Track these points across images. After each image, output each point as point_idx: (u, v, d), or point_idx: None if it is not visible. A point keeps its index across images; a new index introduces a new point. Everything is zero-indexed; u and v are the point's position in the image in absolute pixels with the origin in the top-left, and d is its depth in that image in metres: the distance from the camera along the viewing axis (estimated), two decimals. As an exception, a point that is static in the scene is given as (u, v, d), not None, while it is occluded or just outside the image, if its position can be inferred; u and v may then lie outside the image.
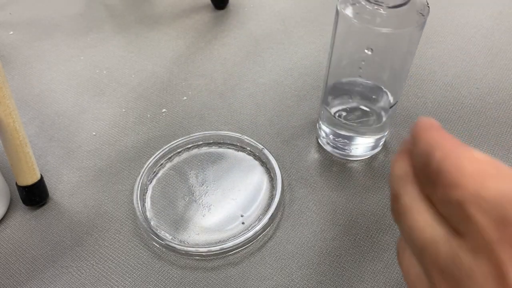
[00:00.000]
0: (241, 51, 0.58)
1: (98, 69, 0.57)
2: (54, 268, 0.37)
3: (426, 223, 0.17)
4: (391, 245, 0.36)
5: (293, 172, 0.42)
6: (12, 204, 0.42)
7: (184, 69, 0.56)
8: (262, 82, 0.53)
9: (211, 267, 0.36)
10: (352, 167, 0.43)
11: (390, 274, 0.34)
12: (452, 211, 0.16)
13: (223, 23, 0.64)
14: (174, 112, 0.50)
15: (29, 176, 0.39)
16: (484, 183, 0.15)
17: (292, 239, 0.37)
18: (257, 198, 0.40)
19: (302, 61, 0.56)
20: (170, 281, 0.35)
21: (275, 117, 0.48)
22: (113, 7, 0.70)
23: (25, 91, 0.55)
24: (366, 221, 0.38)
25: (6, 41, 0.64)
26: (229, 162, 0.43)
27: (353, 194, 0.40)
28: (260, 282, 0.35)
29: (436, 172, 0.17)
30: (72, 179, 0.44)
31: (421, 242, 0.17)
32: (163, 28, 0.64)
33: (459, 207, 0.16)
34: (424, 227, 0.17)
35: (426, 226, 0.17)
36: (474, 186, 0.15)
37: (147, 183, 0.42)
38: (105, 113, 0.51)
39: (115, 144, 0.47)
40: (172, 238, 0.37)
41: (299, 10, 0.65)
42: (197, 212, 0.39)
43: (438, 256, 0.16)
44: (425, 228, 0.17)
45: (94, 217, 0.40)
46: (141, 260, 0.37)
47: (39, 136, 0.49)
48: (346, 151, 0.42)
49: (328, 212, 0.39)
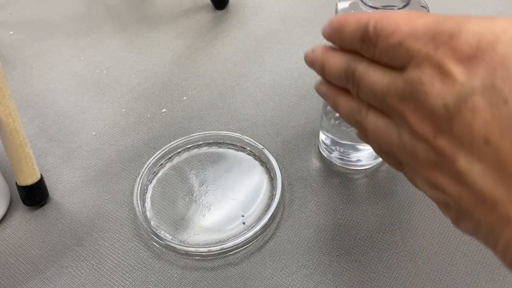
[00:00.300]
0: (241, 51, 0.58)
1: (98, 69, 0.57)
2: (54, 268, 0.37)
3: (380, 76, 0.21)
4: (391, 246, 0.36)
5: (293, 172, 0.42)
6: (12, 204, 0.42)
7: (184, 69, 0.56)
8: (262, 82, 0.53)
9: (211, 267, 0.36)
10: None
11: (390, 274, 0.34)
12: (394, 54, 0.20)
13: (223, 23, 0.64)
14: (174, 112, 0.50)
15: (29, 176, 0.39)
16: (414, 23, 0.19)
17: (292, 239, 0.37)
18: (257, 198, 0.40)
19: (302, 61, 0.55)
20: (170, 281, 0.35)
21: (275, 117, 0.48)
22: (113, 7, 0.70)
23: (25, 91, 0.55)
24: (366, 221, 0.38)
25: (6, 41, 0.64)
26: (229, 162, 0.43)
27: (353, 194, 0.40)
28: (260, 282, 0.35)
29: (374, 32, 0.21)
30: (72, 179, 0.44)
31: (380, 90, 0.21)
32: (163, 28, 0.64)
33: (400, 46, 0.19)
34: (379, 79, 0.21)
35: (381, 78, 0.21)
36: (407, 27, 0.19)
37: (147, 183, 0.42)
38: (105, 113, 0.51)
39: (115, 144, 0.47)
40: (172, 238, 0.37)
41: (299, 10, 0.65)
42: (197, 212, 0.39)
43: (397, 90, 0.20)
44: (380, 79, 0.21)
45: (94, 217, 0.40)
46: (141, 260, 0.37)
47: (39, 136, 0.49)
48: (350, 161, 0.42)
49: (328, 212, 0.39)
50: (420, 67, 0.18)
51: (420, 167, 0.20)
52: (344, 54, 0.24)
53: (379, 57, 0.21)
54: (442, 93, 0.17)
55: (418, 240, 0.36)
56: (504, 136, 0.16)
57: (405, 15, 0.20)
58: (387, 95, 0.21)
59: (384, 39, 0.20)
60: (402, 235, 0.37)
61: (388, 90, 0.21)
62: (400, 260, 0.35)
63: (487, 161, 0.16)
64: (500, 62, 0.16)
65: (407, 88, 0.19)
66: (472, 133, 0.17)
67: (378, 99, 0.22)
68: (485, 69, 0.16)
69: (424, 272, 0.34)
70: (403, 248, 0.36)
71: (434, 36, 0.18)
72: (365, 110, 0.23)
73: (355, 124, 0.25)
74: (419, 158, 0.20)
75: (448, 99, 0.17)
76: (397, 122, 0.21)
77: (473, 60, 0.17)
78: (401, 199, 0.39)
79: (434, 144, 0.19)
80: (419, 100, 0.19)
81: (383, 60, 0.21)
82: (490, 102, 0.16)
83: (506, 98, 0.16)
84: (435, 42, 0.18)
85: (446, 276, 0.34)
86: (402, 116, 0.20)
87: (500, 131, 0.16)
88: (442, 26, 0.18)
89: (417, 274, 0.34)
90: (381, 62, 0.21)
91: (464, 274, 0.34)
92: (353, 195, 0.40)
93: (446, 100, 0.17)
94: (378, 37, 0.20)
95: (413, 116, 0.19)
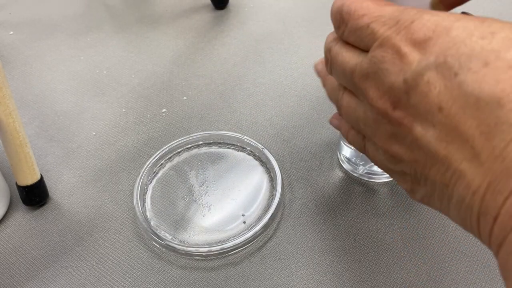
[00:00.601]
0: (241, 51, 0.58)
1: (98, 69, 0.57)
2: (54, 268, 0.37)
3: (349, 56, 0.24)
4: (391, 246, 0.36)
5: (293, 172, 0.42)
6: (12, 204, 0.42)
7: (184, 69, 0.56)
8: (262, 82, 0.53)
9: (211, 267, 0.36)
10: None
11: (390, 274, 0.34)
12: (361, 34, 0.22)
13: (223, 23, 0.64)
14: (174, 112, 0.50)
15: (29, 176, 0.39)
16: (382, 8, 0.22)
17: (292, 239, 0.37)
18: (257, 198, 0.40)
19: (302, 61, 0.56)
20: (170, 281, 0.35)
21: (275, 117, 0.48)
22: (113, 7, 0.70)
23: (25, 91, 0.55)
24: (366, 221, 0.38)
25: (6, 41, 0.64)
26: (229, 162, 0.43)
27: (353, 194, 0.40)
28: (260, 282, 0.35)
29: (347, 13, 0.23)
30: (72, 179, 0.44)
31: (349, 69, 0.24)
32: (163, 28, 0.64)
33: (367, 28, 0.22)
34: (349, 58, 0.24)
35: (350, 58, 0.24)
36: (375, 11, 0.22)
37: (147, 183, 0.42)
38: (105, 113, 0.51)
39: (115, 144, 0.47)
40: (172, 238, 0.37)
41: (299, 10, 0.65)
42: (197, 212, 0.39)
43: (362, 69, 0.22)
44: (350, 59, 0.24)
45: (94, 217, 0.40)
46: (141, 260, 0.37)
47: (39, 136, 0.49)
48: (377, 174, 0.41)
49: (328, 212, 0.39)
50: (382, 47, 0.21)
51: (380, 139, 0.23)
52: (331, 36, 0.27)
53: (347, 36, 0.24)
54: (402, 70, 0.20)
55: (418, 240, 0.36)
56: (455, 103, 0.18)
57: (376, 2, 0.23)
58: (354, 74, 0.23)
59: (354, 20, 0.23)
60: (402, 235, 0.37)
61: (355, 69, 0.23)
62: (400, 260, 0.35)
63: (440, 125, 0.19)
64: (451, 43, 0.19)
65: (371, 67, 0.22)
66: (428, 103, 0.19)
67: (346, 78, 0.24)
68: (439, 48, 0.19)
69: (424, 272, 0.34)
70: (403, 248, 0.36)
71: (398, 21, 0.21)
72: (342, 91, 0.26)
73: (335, 102, 0.28)
74: (380, 131, 0.23)
75: (407, 75, 0.20)
76: (361, 99, 0.24)
77: (429, 42, 0.19)
78: (401, 199, 0.39)
79: (393, 116, 0.21)
80: (380, 77, 0.21)
81: (350, 40, 0.24)
82: (443, 76, 0.18)
83: (456, 72, 0.18)
84: (397, 27, 0.21)
85: (446, 276, 0.34)
86: (365, 93, 0.23)
87: (452, 99, 0.18)
88: (405, 13, 0.21)
89: (417, 274, 0.34)
90: (349, 42, 0.24)
91: (464, 274, 0.34)
92: (353, 195, 0.40)
93: (406, 75, 0.20)
94: (350, 18, 0.23)
95: (374, 92, 0.22)
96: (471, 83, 0.18)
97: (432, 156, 0.20)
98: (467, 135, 0.18)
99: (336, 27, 0.25)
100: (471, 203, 0.18)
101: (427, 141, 0.19)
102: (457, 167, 0.19)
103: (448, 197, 0.20)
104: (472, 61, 0.18)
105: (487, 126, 0.17)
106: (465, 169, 0.18)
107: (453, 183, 0.19)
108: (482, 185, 0.18)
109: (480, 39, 0.18)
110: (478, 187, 0.18)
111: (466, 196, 0.18)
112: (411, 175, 0.22)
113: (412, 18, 0.20)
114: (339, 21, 0.24)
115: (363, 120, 0.24)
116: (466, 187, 0.18)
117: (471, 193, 0.18)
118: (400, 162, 0.22)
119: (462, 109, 0.18)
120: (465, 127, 0.18)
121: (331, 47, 0.26)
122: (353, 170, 0.41)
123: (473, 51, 0.18)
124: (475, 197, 0.18)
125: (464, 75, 0.18)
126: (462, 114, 0.18)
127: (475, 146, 0.18)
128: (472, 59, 0.18)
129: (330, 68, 0.27)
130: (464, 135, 0.18)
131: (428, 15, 0.20)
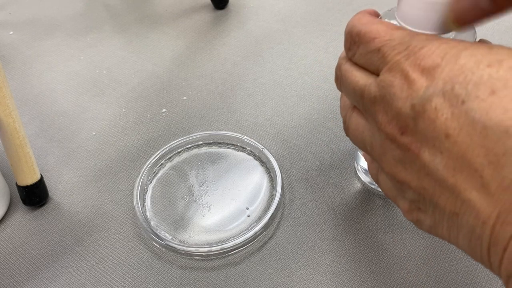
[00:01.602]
0: (241, 51, 0.58)
1: (98, 69, 0.57)
2: (54, 268, 0.37)
3: (359, 77, 0.24)
4: (391, 245, 0.36)
5: (293, 172, 0.42)
6: (12, 204, 0.42)
7: (184, 69, 0.56)
8: (262, 82, 0.53)
9: (211, 267, 0.36)
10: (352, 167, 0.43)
11: (390, 274, 0.34)
12: (372, 58, 0.23)
13: (223, 23, 0.64)
14: (174, 112, 0.50)
15: (29, 176, 0.39)
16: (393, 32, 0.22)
17: (292, 239, 0.37)
18: (257, 198, 0.40)
19: (302, 61, 0.56)
20: (170, 281, 0.35)
21: (275, 117, 0.48)
22: (113, 7, 0.70)
23: (25, 91, 0.55)
24: (366, 221, 0.38)
25: (6, 41, 0.64)
26: (229, 162, 0.43)
27: (353, 194, 0.40)
28: (260, 282, 0.35)
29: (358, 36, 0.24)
30: (72, 179, 0.44)
31: (358, 89, 0.24)
32: (163, 28, 0.64)
33: (377, 52, 0.22)
34: (358, 79, 0.24)
35: (359, 79, 0.24)
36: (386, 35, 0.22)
37: (147, 183, 0.42)
38: (105, 113, 0.51)
39: (115, 144, 0.47)
40: (172, 238, 0.37)
41: (299, 10, 0.65)
42: (197, 212, 0.39)
43: (370, 92, 0.23)
44: (359, 80, 0.24)
45: (94, 217, 0.40)
46: (141, 260, 0.37)
47: (39, 136, 0.49)
48: None
49: (328, 212, 0.39)
50: (392, 72, 0.21)
51: (388, 165, 0.23)
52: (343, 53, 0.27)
53: (358, 58, 0.24)
54: (410, 95, 0.20)
55: (418, 240, 0.36)
56: (462, 130, 0.18)
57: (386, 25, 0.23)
58: (363, 95, 0.23)
59: (365, 43, 0.23)
60: (402, 235, 0.37)
61: (364, 90, 0.23)
62: (400, 260, 0.35)
63: (448, 152, 0.19)
64: (459, 70, 0.19)
65: (379, 91, 0.22)
66: (435, 129, 0.19)
67: (356, 98, 0.25)
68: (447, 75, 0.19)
69: (424, 272, 0.34)
70: (403, 248, 0.36)
71: (407, 46, 0.21)
72: (351, 109, 0.26)
73: (343, 119, 0.28)
74: (387, 156, 0.22)
75: (415, 100, 0.20)
76: (370, 122, 0.24)
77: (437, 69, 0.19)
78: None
79: (401, 142, 0.21)
80: (388, 101, 0.21)
81: (361, 62, 0.24)
82: (450, 103, 0.19)
83: (463, 99, 0.18)
84: (407, 52, 0.21)
85: (446, 276, 0.34)
86: (373, 117, 0.23)
87: (459, 126, 0.18)
88: (416, 39, 0.21)
89: (417, 274, 0.34)
90: (359, 64, 0.24)
91: (464, 274, 0.34)
92: (353, 195, 0.40)
93: (413, 101, 0.20)
94: (361, 41, 0.23)
95: (383, 117, 0.22)
96: (478, 111, 0.18)
97: (440, 183, 0.19)
98: (475, 164, 0.18)
99: (347, 48, 0.25)
100: (481, 233, 0.18)
101: (435, 168, 0.19)
102: (466, 196, 0.18)
103: (457, 226, 0.20)
104: (479, 89, 0.18)
105: (495, 155, 0.17)
106: (475, 199, 0.18)
107: (462, 212, 0.19)
108: (492, 215, 0.18)
109: (488, 67, 0.18)
110: (488, 217, 0.18)
111: (476, 226, 0.18)
112: (418, 203, 0.22)
113: (421, 44, 0.20)
114: (350, 43, 0.24)
115: (370, 143, 0.24)
116: (476, 217, 0.18)
117: (481, 223, 0.18)
118: (407, 189, 0.22)
119: (470, 137, 0.18)
120: (473, 155, 0.18)
121: (341, 64, 0.26)
122: (371, 182, 0.40)
123: (480, 79, 0.18)
124: (485, 227, 0.18)
125: (472, 102, 0.18)
126: (469, 141, 0.18)
127: (484, 176, 0.18)
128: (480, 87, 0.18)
129: (339, 85, 0.27)
130: (473, 163, 0.18)
131: (437, 42, 0.20)
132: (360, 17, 0.25)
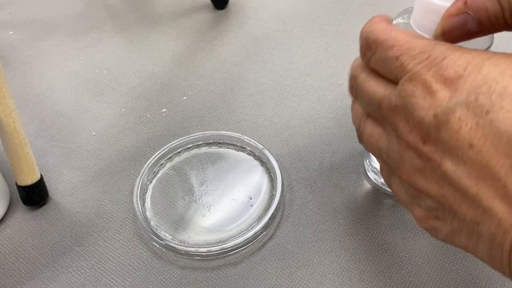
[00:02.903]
0: (241, 51, 0.58)
1: (98, 69, 0.57)
2: (54, 268, 0.37)
3: (377, 86, 0.24)
4: (391, 245, 0.36)
5: (293, 172, 0.42)
6: (12, 204, 0.42)
7: (184, 69, 0.56)
8: (262, 82, 0.53)
9: (211, 267, 0.36)
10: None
11: (391, 274, 0.34)
12: (390, 66, 0.22)
13: (223, 23, 0.64)
14: (174, 112, 0.50)
15: (29, 176, 0.39)
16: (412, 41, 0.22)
17: (292, 239, 0.37)
18: (257, 198, 0.40)
19: (302, 61, 0.56)
20: (170, 281, 0.35)
21: (275, 117, 0.48)
22: (113, 7, 0.70)
23: (25, 91, 0.55)
24: (366, 221, 0.38)
25: (6, 41, 0.64)
26: (229, 162, 0.43)
27: (353, 194, 0.40)
28: (260, 282, 0.35)
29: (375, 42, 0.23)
30: (72, 179, 0.44)
31: (376, 99, 0.24)
32: (163, 28, 0.64)
33: (396, 60, 0.22)
34: (376, 89, 0.24)
35: (377, 88, 0.24)
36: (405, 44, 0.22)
37: (147, 183, 0.42)
38: (105, 113, 0.51)
39: (115, 144, 0.47)
40: (172, 238, 0.37)
41: (299, 10, 0.65)
42: (197, 212, 0.39)
43: (390, 102, 0.22)
44: (376, 90, 0.24)
45: (94, 217, 0.40)
46: (141, 260, 0.37)
47: (39, 136, 0.49)
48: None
49: (328, 212, 0.39)
50: (413, 82, 0.21)
51: (406, 173, 0.22)
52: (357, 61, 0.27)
53: (374, 64, 0.24)
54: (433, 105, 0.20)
55: (418, 240, 0.36)
56: (487, 140, 0.18)
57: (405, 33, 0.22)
58: (382, 105, 0.23)
59: (383, 50, 0.23)
60: (402, 235, 0.37)
61: (382, 100, 0.23)
62: (400, 260, 0.35)
63: (471, 162, 0.19)
64: (483, 81, 0.19)
65: (400, 100, 0.22)
66: (458, 139, 0.19)
67: (373, 108, 0.24)
68: (470, 86, 0.19)
69: (424, 272, 0.34)
70: (403, 248, 0.36)
71: (428, 56, 0.21)
72: (365, 118, 0.26)
73: (356, 127, 0.27)
74: (406, 165, 0.22)
75: (438, 110, 0.20)
76: (388, 131, 0.23)
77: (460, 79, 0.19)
78: (401, 199, 0.39)
79: (422, 151, 0.21)
80: (409, 111, 0.21)
81: (377, 69, 0.24)
82: (474, 113, 0.19)
83: (488, 109, 0.18)
84: (428, 62, 0.21)
85: (446, 276, 0.34)
86: (393, 126, 0.22)
87: (484, 136, 0.18)
88: (437, 49, 0.21)
89: (417, 274, 0.34)
90: (375, 70, 0.24)
91: (464, 274, 0.34)
92: (353, 195, 0.40)
93: (436, 111, 0.20)
94: (378, 48, 0.23)
95: (404, 126, 0.22)
96: (503, 121, 0.18)
97: (462, 192, 0.19)
98: (499, 173, 0.18)
99: (362, 53, 0.25)
100: (502, 242, 0.18)
101: (457, 177, 0.19)
102: (488, 205, 0.19)
103: (477, 235, 0.20)
104: (504, 99, 0.18)
105: None
106: (497, 207, 0.18)
107: (483, 221, 0.19)
108: None
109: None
110: (510, 226, 0.18)
111: (497, 235, 0.19)
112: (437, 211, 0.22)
113: (443, 54, 0.20)
114: (366, 48, 0.24)
115: (386, 151, 0.24)
116: (498, 226, 0.18)
117: (502, 232, 0.18)
118: (425, 198, 0.22)
119: (494, 147, 0.18)
120: (497, 165, 0.18)
121: (357, 74, 0.26)
122: (382, 183, 0.40)
123: (505, 89, 0.18)
124: (507, 235, 0.18)
125: (496, 113, 0.18)
126: (494, 152, 0.18)
127: (507, 185, 0.18)
128: (504, 98, 0.18)
129: (355, 95, 0.26)
130: (496, 173, 0.18)
131: (459, 52, 0.20)
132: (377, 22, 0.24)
